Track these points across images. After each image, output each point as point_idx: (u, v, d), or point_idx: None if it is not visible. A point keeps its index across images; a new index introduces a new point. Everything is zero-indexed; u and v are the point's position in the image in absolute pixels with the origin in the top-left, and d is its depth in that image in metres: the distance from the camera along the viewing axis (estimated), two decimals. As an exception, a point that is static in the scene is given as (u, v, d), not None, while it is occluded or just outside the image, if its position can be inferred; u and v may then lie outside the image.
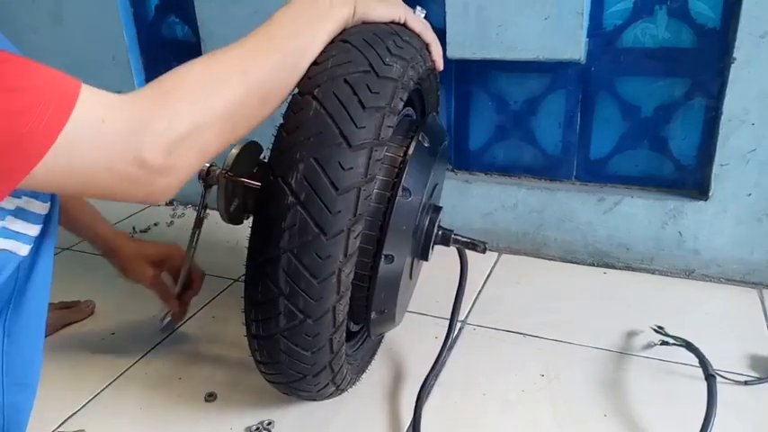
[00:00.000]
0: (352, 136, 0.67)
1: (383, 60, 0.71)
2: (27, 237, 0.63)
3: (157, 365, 1.05)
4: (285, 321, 0.73)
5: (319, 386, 0.83)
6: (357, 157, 0.68)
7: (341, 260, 0.69)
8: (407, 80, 0.74)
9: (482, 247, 0.93)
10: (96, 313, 1.21)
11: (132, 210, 1.68)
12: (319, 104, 0.68)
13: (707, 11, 1.13)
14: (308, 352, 0.75)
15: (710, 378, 0.90)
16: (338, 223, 0.68)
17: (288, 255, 0.69)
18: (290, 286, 0.70)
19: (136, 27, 1.63)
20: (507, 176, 1.38)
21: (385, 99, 0.70)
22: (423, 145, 0.82)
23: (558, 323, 1.12)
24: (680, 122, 1.21)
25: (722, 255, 1.22)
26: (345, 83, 0.68)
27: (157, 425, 0.92)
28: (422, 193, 0.81)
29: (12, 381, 0.69)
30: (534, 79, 1.28)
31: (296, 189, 0.67)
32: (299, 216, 0.68)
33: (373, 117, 0.69)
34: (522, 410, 0.92)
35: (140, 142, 0.54)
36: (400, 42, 0.75)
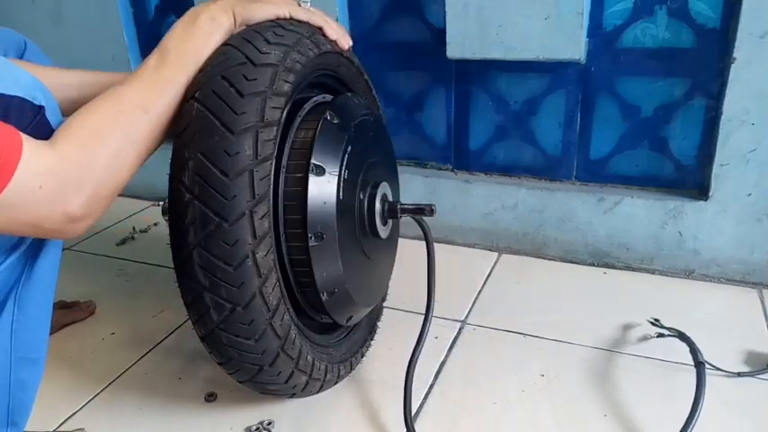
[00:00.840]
0: (232, 123, 0.71)
1: (259, 50, 0.75)
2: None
3: (157, 365, 1.05)
4: (216, 314, 0.75)
5: (284, 375, 0.82)
6: (242, 141, 0.71)
7: (251, 242, 0.72)
8: (291, 63, 0.77)
9: (429, 209, 0.94)
10: (96, 313, 1.21)
11: (132, 210, 1.68)
12: (199, 104, 0.72)
13: (707, 11, 1.13)
14: (250, 341, 0.77)
15: (700, 365, 0.92)
16: (237, 207, 0.70)
17: (198, 249, 0.72)
18: (209, 278, 0.73)
19: (136, 27, 1.63)
20: (507, 176, 1.38)
21: (264, 83, 0.73)
22: (331, 122, 0.85)
23: (558, 323, 1.12)
24: (680, 122, 1.21)
25: (722, 255, 1.22)
26: (222, 78, 0.72)
27: (157, 425, 0.92)
28: (338, 167, 0.83)
29: (19, 355, 0.70)
30: (534, 79, 1.28)
31: (189, 185, 0.71)
32: (198, 209, 0.71)
33: (253, 102, 0.72)
34: (522, 410, 0.92)
35: (67, 200, 0.61)
36: (281, 32, 0.79)
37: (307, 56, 0.81)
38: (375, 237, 0.94)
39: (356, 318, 0.97)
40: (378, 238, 0.95)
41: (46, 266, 0.70)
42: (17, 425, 0.74)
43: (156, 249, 1.46)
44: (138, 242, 1.51)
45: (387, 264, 1.07)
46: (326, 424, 0.91)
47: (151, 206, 1.71)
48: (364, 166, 0.90)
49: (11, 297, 0.67)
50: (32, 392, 0.74)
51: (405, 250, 1.14)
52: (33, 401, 0.75)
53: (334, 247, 0.83)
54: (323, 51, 0.86)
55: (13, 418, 0.73)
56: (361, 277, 0.92)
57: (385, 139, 1.03)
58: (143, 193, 1.75)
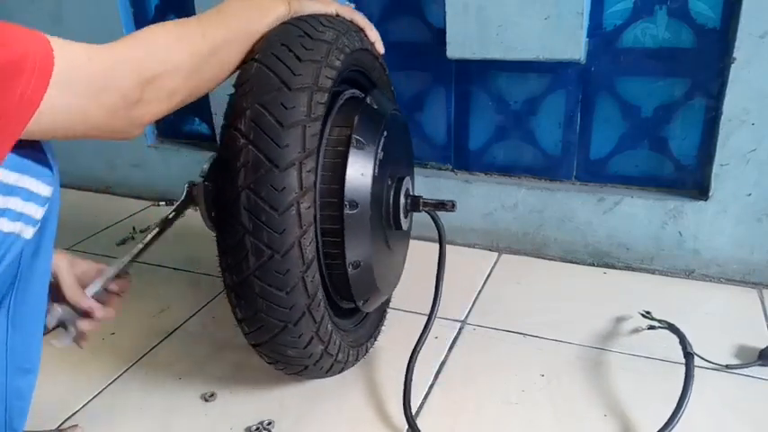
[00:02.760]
0: (290, 81, 0.76)
1: (316, 28, 0.82)
2: (33, 219, 0.64)
3: (157, 365, 1.05)
4: (254, 260, 0.77)
5: (304, 339, 0.83)
6: (297, 97, 0.76)
7: (297, 192, 0.75)
8: (342, 45, 0.84)
9: (450, 205, 0.98)
10: (96, 313, 1.20)
11: (132, 210, 1.68)
12: (260, 63, 0.78)
13: (707, 11, 1.13)
14: (282, 292, 0.78)
15: (689, 356, 0.94)
16: (288, 156, 0.75)
17: (246, 191, 0.75)
18: (253, 222, 0.76)
19: (136, 27, 1.63)
20: (507, 176, 1.38)
21: (320, 54, 0.80)
22: (371, 107, 0.92)
23: (558, 323, 1.12)
24: (680, 122, 1.21)
25: (722, 255, 1.22)
26: (282, 45, 0.79)
27: (157, 425, 0.92)
28: (376, 143, 0.87)
29: (14, 366, 0.70)
30: (534, 79, 1.28)
31: (245, 131, 0.75)
32: (252, 153, 0.75)
33: (310, 67, 0.78)
34: (522, 410, 0.92)
35: (122, 77, 0.64)
36: (332, 19, 0.87)
37: (352, 45, 0.87)
38: (396, 228, 0.97)
39: (372, 302, 0.98)
40: (398, 230, 0.98)
41: (36, 281, 0.69)
42: (15, 430, 0.74)
43: (156, 249, 1.45)
44: (138, 242, 1.51)
45: (401, 257, 1.09)
46: (327, 424, 0.91)
47: (151, 206, 1.71)
48: (393, 159, 0.94)
49: (2, 312, 0.67)
50: (28, 399, 0.75)
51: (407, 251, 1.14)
52: (29, 407, 0.75)
53: (366, 219, 0.86)
54: (364, 47, 0.92)
55: (12, 424, 0.73)
56: (382, 261, 0.95)
57: (408, 141, 1.08)
58: (143, 193, 1.76)
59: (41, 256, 0.68)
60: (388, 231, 0.96)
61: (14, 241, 0.62)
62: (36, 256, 0.67)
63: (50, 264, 0.71)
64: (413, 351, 0.96)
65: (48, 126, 0.59)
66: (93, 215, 1.66)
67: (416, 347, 0.97)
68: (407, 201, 0.98)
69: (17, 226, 0.62)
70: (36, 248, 0.67)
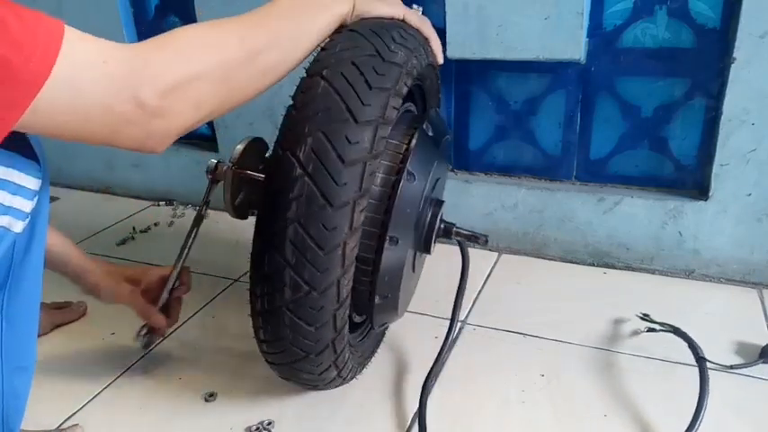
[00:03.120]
0: (358, 112, 0.70)
1: (388, 47, 0.75)
2: (22, 212, 0.63)
3: (157, 365, 1.05)
4: (291, 293, 0.74)
5: (321, 367, 0.83)
6: (363, 132, 0.71)
7: (346, 232, 0.72)
8: (411, 68, 0.78)
9: (483, 240, 0.95)
10: (95, 314, 1.20)
11: (132, 210, 1.68)
12: (327, 83, 0.71)
13: (707, 11, 1.13)
14: (312, 327, 0.76)
15: (701, 360, 0.93)
16: (344, 195, 0.70)
17: (295, 225, 0.71)
18: (297, 257, 0.72)
19: (136, 27, 1.63)
20: (507, 176, 1.38)
21: (390, 81, 0.73)
22: (427, 134, 0.85)
23: (558, 323, 1.12)
24: (680, 122, 1.21)
25: (722, 255, 1.22)
26: (353, 64, 0.72)
27: (157, 425, 0.92)
28: (425, 179, 0.83)
29: (10, 365, 0.70)
30: (534, 79, 1.28)
31: (304, 161, 0.70)
32: (307, 187, 0.70)
33: (379, 97, 0.72)
34: (522, 410, 0.92)
35: (138, 83, 0.57)
36: (404, 33, 0.79)
37: (421, 64, 0.81)
38: (425, 252, 0.94)
39: (387, 324, 0.97)
40: (426, 254, 0.95)
41: (30, 276, 0.68)
42: (12, 430, 0.74)
43: (156, 249, 1.46)
44: (138, 242, 1.51)
45: (417, 279, 1.07)
46: (327, 424, 0.91)
47: (151, 206, 1.71)
48: (435, 183, 0.91)
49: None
50: (24, 398, 0.74)
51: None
52: (26, 406, 0.75)
53: (404, 255, 0.83)
54: (429, 63, 0.87)
55: (9, 424, 0.73)
56: (406, 287, 0.93)
57: (448, 160, 1.04)
58: (143, 193, 1.76)
59: (33, 251, 0.68)
60: (417, 254, 0.93)
61: (4, 235, 0.62)
62: (28, 251, 0.67)
63: (43, 259, 0.70)
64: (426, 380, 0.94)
65: (46, 123, 0.55)
66: (93, 215, 1.66)
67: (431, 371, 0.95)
68: (441, 227, 0.94)
69: (5, 219, 0.62)
70: (27, 244, 0.67)
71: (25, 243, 0.66)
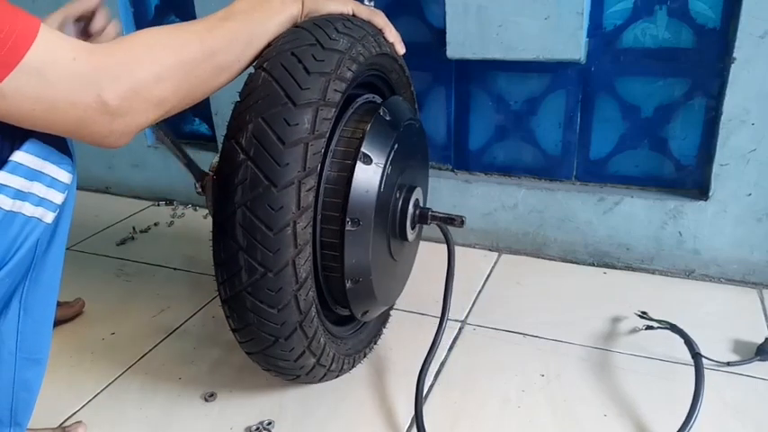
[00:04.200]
0: (296, 96, 0.74)
1: (329, 36, 0.79)
2: (53, 204, 0.66)
3: (157, 365, 1.05)
4: (247, 276, 0.76)
5: (295, 353, 0.83)
6: (302, 114, 0.74)
7: (294, 212, 0.74)
8: (356, 54, 0.81)
9: (459, 221, 0.96)
10: (95, 314, 1.21)
11: (132, 210, 1.68)
12: (267, 73, 0.75)
13: (707, 11, 1.13)
14: (273, 309, 0.78)
15: (697, 356, 0.94)
16: (287, 175, 0.73)
17: (242, 209, 0.74)
18: (248, 239, 0.75)
19: (136, 27, 1.63)
20: (507, 176, 1.38)
21: (330, 66, 0.77)
22: (384, 118, 0.88)
23: (558, 323, 1.12)
24: (680, 122, 1.21)
25: (722, 255, 1.22)
26: (292, 54, 0.76)
27: (157, 425, 0.92)
28: (384, 159, 0.85)
29: (24, 356, 0.71)
30: (534, 79, 1.28)
31: (246, 146, 0.74)
32: (250, 170, 0.73)
33: (318, 81, 0.75)
34: (522, 410, 0.92)
35: (103, 84, 0.60)
36: (349, 24, 0.83)
37: (369, 52, 0.84)
38: (402, 239, 0.95)
39: (371, 314, 0.97)
40: (404, 241, 0.96)
41: (50, 268, 0.70)
42: (20, 425, 0.74)
43: (156, 249, 1.46)
44: (138, 242, 1.51)
45: (406, 268, 1.07)
46: (327, 424, 0.91)
47: (151, 206, 1.71)
48: (404, 169, 0.92)
49: (15, 298, 0.68)
50: (35, 393, 0.75)
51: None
52: (35, 402, 0.75)
53: (368, 236, 0.85)
54: (383, 52, 0.89)
55: (17, 418, 0.73)
56: (384, 274, 0.94)
57: (423, 148, 1.05)
58: (143, 193, 1.76)
59: (56, 243, 0.70)
60: (393, 242, 0.94)
61: (36, 225, 0.65)
62: (51, 243, 0.69)
63: (63, 253, 0.72)
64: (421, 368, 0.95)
65: (12, 109, 0.57)
66: (93, 215, 1.66)
67: (426, 362, 0.95)
68: (416, 213, 0.96)
69: (39, 211, 0.64)
70: (51, 236, 0.69)
71: (50, 235, 0.68)
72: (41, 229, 0.66)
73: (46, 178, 0.64)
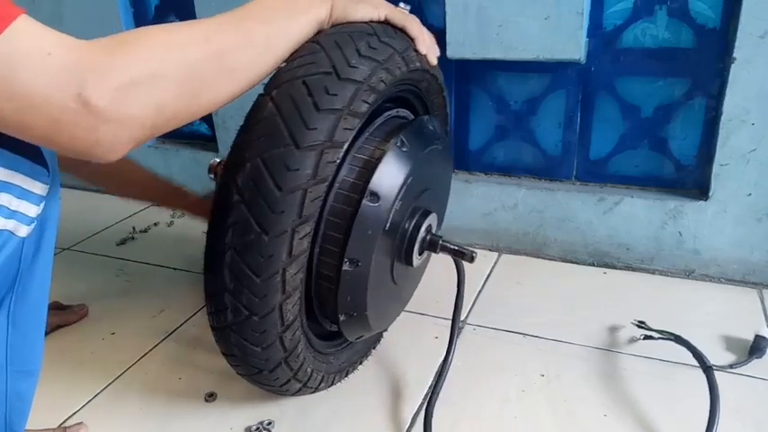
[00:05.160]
0: (300, 137, 0.68)
1: (348, 62, 0.71)
2: (27, 217, 0.63)
3: (157, 365, 1.05)
4: (232, 316, 0.75)
5: (280, 382, 0.83)
6: (305, 158, 0.68)
7: (284, 260, 0.71)
8: (376, 82, 0.74)
9: (469, 255, 0.91)
10: (95, 314, 1.21)
11: (132, 210, 1.68)
12: (274, 105, 0.69)
13: (707, 11, 1.13)
14: (257, 348, 0.77)
15: (709, 370, 0.91)
16: (281, 223, 0.69)
17: (232, 251, 0.71)
18: (234, 283, 0.72)
19: (136, 27, 1.63)
20: (507, 176, 1.38)
21: (343, 101, 0.70)
22: (400, 150, 0.81)
23: (558, 323, 1.12)
24: (680, 122, 1.21)
25: (722, 255, 1.22)
26: (303, 84, 0.69)
27: (157, 425, 0.92)
28: (393, 198, 0.80)
29: (15, 369, 0.69)
30: (534, 79, 1.28)
31: (241, 187, 0.69)
32: (242, 215, 0.69)
33: (327, 120, 0.69)
34: (522, 410, 0.92)
35: (86, 80, 0.52)
36: (375, 43, 0.75)
37: (393, 75, 0.77)
38: (407, 264, 0.91)
39: (366, 337, 0.96)
40: (409, 266, 0.92)
41: (37, 281, 0.68)
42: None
43: (156, 249, 1.46)
44: (138, 242, 1.51)
45: (409, 290, 1.05)
46: (327, 424, 0.91)
47: (151, 206, 1.71)
48: (418, 195, 0.87)
49: (2, 313, 0.66)
50: (29, 402, 0.74)
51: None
52: (30, 409, 0.75)
53: (366, 277, 0.81)
54: (410, 69, 0.81)
55: (12, 426, 0.73)
56: (383, 303, 0.91)
57: (446, 169, 1.00)
58: (143, 193, 1.76)
59: (42, 256, 0.68)
60: (397, 266, 0.89)
61: (9, 238, 0.62)
62: (36, 256, 0.67)
63: (51, 264, 0.70)
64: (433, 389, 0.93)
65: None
66: (93, 215, 1.66)
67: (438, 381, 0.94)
68: (426, 239, 0.91)
69: (11, 223, 0.61)
70: (36, 249, 0.67)
71: (33, 249, 0.66)
72: (17, 243, 0.63)
73: (15, 189, 0.60)
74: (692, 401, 0.89)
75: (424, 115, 0.94)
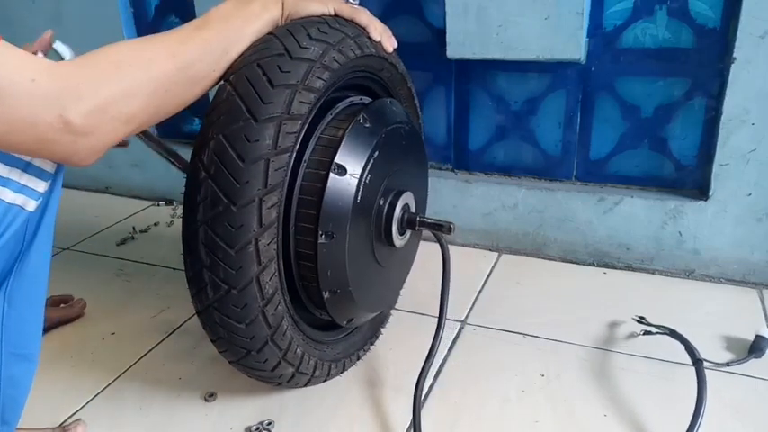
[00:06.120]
0: (258, 111, 0.73)
1: (299, 44, 0.76)
2: (36, 192, 0.65)
3: (157, 365, 1.05)
4: (212, 293, 0.76)
5: (269, 364, 0.84)
6: (263, 130, 0.72)
7: (255, 229, 0.73)
8: (329, 61, 0.78)
9: (447, 227, 0.94)
10: (95, 314, 1.21)
11: (132, 210, 1.68)
12: (231, 87, 0.74)
13: (707, 11, 1.13)
14: (241, 324, 0.78)
15: (698, 363, 0.93)
16: (247, 193, 0.72)
17: (204, 227, 0.74)
18: (210, 257, 0.75)
19: (136, 27, 1.63)
20: (507, 176, 1.38)
21: (296, 77, 0.75)
22: (362, 125, 0.85)
23: (558, 323, 1.12)
24: (680, 122, 1.21)
25: (722, 255, 1.22)
26: (257, 66, 0.74)
27: (157, 425, 0.92)
28: (360, 170, 0.83)
29: (10, 350, 0.70)
30: (534, 79, 1.28)
31: (206, 164, 0.73)
32: (210, 189, 0.73)
33: (282, 94, 0.73)
34: (522, 410, 0.92)
35: (65, 104, 0.58)
36: (326, 28, 0.80)
37: (347, 56, 0.81)
38: (390, 245, 0.94)
39: (357, 320, 0.97)
40: (392, 247, 0.94)
41: (35, 261, 0.69)
42: (8, 423, 0.73)
43: (156, 249, 1.46)
44: (138, 242, 1.51)
45: (399, 273, 1.06)
46: (327, 424, 0.91)
47: (151, 206, 1.71)
48: (390, 174, 0.91)
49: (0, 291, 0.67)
50: (25, 390, 0.74)
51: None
52: (26, 400, 0.74)
53: (343, 248, 0.84)
54: (365, 54, 0.86)
55: (5, 416, 0.72)
56: (368, 282, 0.92)
57: (418, 151, 1.03)
58: (143, 193, 1.76)
59: (41, 236, 0.69)
60: (378, 248, 0.92)
61: (18, 213, 0.64)
62: (36, 235, 0.68)
63: (50, 246, 0.71)
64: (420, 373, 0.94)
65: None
66: (93, 215, 1.66)
67: (424, 368, 0.94)
68: (404, 218, 0.94)
69: (20, 198, 0.63)
70: (36, 227, 0.68)
71: (34, 226, 0.67)
72: (24, 218, 0.65)
73: (24, 164, 0.63)
74: (692, 401, 0.89)
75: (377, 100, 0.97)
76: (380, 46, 0.91)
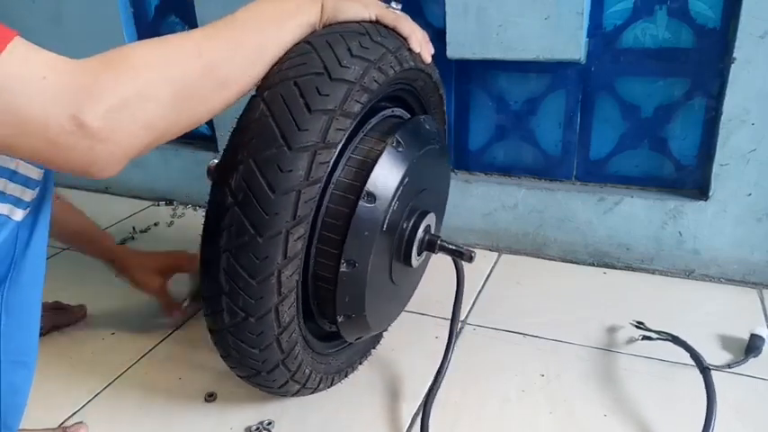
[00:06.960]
0: (292, 138, 0.68)
1: (340, 62, 0.71)
2: (23, 201, 0.63)
3: (157, 365, 1.05)
4: (229, 318, 0.75)
5: (278, 383, 0.84)
6: (297, 159, 0.68)
7: (279, 261, 0.71)
8: (369, 82, 0.73)
9: (468, 255, 0.91)
10: (95, 314, 1.21)
11: (132, 210, 1.68)
12: (266, 106, 0.69)
13: (707, 11, 1.13)
14: (255, 350, 0.77)
15: (706, 371, 0.91)
16: (275, 225, 0.69)
17: (227, 254, 0.71)
18: (230, 285, 0.72)
19: (136, 27, 1.63)
20: (507, 176, 1.38)
21: (335, 102, 0.70)
22: (395, 150, 0.80)
23: (558, 323, 1.12)
24: (680, 122, 1.21)
25: (722, 255, 1.22)
26: (294, 85, 0.69)
27: (157, 425, 0.92)
28: (390, 198, 0.79)
29: (9, 359, 0.69)
30: (534, 79, 1.28)
31: (234, 190, 0.69)
32: (236, 217, 0.69)
33: (319, 120, 0.69)
34: (522, 410, 0.92)
35: (79, 104, 0.53)
36: (367, 43, 0.74)
37: (386, 74, 0.76)
38: (406, 264, 0.90)
39: (365, 337, 0.96)
40: (408, 266, 0.92)
41: (30, 269, 0.68)
42: (10, 428, 0.73)
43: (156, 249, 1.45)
44: (138, 242, 1.51)
45: (409, 290, 1.05)
46: (327, 424, 0.91)
47: (151, 206, 1.71)
48: (416, 195, 0.87)
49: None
50: (24, 395, 0.73)
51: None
52: (26, 404, 0.74)
53: (364, 279, 0.81)
54: (404, 68, 0.81)
55: (6, 421, 0.72)
56: (381, 303, 0.90)
57: (444, 168, 1.00)
58: (143, 193, 1.76)
59: (35, 243, 0.68)
60: (395, 266, 0.89)
61: (5, 223, 0.62)
62: (29, 243, 0.67)
63: (45, 252, 0.70)
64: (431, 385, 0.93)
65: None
66: (93, 215, 1.65)
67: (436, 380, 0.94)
68: (424, 239, 0.90)
69: (6, 208, 0.62)
70: (29, 235, 0.67)
71: (27, 235, 0.66)
72: (12, 227, 0.63)
73: (8, 173, 0.61)
74: (692, 401, 0.89)
75: (421, 114, 0.94)
76: (419, 57, 0.84)
